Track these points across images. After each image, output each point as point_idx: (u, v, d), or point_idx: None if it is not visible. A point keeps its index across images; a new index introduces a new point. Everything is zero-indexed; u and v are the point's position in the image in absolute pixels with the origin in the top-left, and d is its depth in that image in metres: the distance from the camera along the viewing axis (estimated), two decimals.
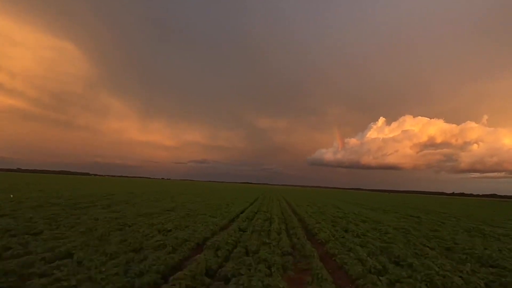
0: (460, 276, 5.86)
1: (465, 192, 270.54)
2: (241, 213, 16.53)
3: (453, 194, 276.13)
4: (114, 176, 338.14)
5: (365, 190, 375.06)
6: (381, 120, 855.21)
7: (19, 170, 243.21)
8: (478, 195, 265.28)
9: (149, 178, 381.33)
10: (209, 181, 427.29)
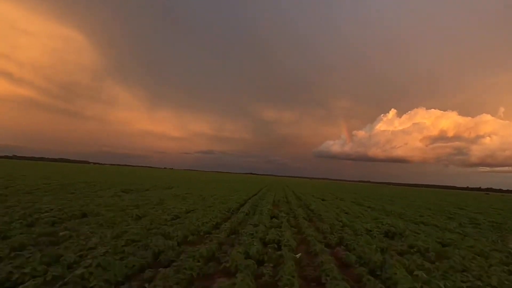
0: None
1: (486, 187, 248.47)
2: None
3: (479, 189, 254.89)
4: (114, 164, 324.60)
5: (372, 182, 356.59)
6: (392, 112, 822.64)
7: (14, 157, 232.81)
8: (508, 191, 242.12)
9: (152, 167, 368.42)
10: (215, 171, 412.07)
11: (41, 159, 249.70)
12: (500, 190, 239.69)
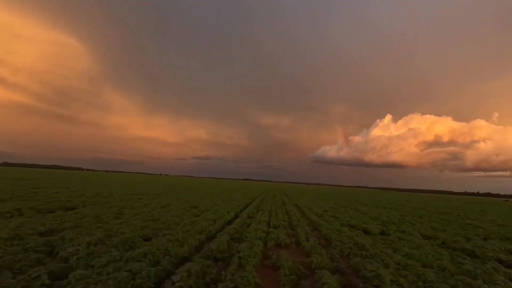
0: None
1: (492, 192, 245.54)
2: None
3: (478, 193, 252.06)
4: (108, 171, 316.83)
5: (370, 188, 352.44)
6: (388, 117, 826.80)
7: (5, 164, 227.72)
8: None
9: (147, 173, 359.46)
10: (211, 177, 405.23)
11: (33, 165, 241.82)
12: (498, 195, 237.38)
